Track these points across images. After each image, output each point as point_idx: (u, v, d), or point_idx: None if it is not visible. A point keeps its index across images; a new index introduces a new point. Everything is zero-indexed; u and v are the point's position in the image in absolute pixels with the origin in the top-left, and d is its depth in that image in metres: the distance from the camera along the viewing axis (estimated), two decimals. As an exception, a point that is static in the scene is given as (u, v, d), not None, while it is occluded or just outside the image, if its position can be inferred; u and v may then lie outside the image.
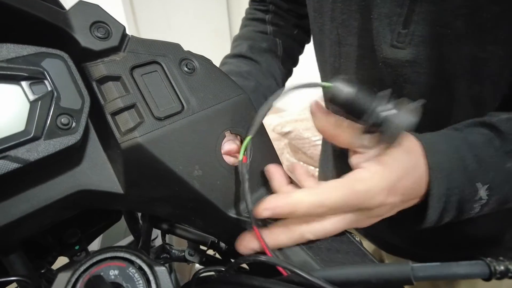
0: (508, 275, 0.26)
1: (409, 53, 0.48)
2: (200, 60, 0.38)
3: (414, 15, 0.46)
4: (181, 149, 0.34)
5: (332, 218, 0.36)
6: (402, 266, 0.28)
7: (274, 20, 0.75)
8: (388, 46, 0.50)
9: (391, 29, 0.49)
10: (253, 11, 0.78)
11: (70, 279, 0.28)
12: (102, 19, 0.33)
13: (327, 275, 0.30)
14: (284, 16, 0.75)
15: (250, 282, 0.33)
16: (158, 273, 0.30)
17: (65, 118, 0.30)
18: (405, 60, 0.49)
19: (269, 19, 0.75)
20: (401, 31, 0.48)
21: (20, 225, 0.31)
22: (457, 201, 0.38)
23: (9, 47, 0.28)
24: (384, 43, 0.50)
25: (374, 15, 0.50)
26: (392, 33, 0.49)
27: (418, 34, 0.47)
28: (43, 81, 0.29)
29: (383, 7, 0.48)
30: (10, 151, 0.27)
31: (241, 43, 0.75)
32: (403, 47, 0.48)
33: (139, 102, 0.33)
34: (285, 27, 0.76)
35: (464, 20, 0.43)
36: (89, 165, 0.34)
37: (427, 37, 0.47)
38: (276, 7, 0.75)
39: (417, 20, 0.46)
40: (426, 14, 0.45)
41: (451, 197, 0.37)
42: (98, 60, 0.33)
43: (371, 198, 0.34)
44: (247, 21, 0.79)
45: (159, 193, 0.36)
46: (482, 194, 0.38)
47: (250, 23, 0.78)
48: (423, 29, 0.46)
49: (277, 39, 0.75)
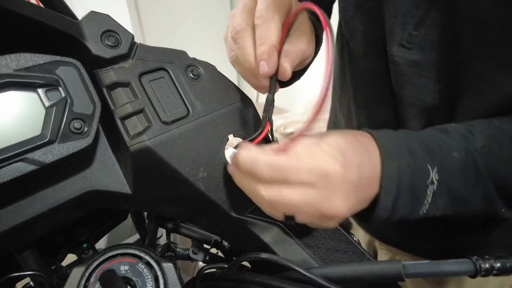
0: (493, 273, 0.27)
1: (415, 54, 0.49)
2: (205, 67, 0.40)
3: (428, 18, 0.47)
4: (187, 151, 0.36)
5: (292, 187, 0.34)
6: (393, 263, 0.29)
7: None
8: (396, 45, 0.50)
9: (403, 28, 0.49)
10: None
11: (84, 273, 0.30)
12: (112, 28, 0.35)
13: (324, 272, 0.32)
14: None
15: (252, 279, 0.34)
16: (166, 269, 0.32)
17: (78, 122, 0.31)
18: (410, 60, 0.50)
19: None
20: (412, 32, 0.49)
21: (34, 224, 0.33)
22: (409, 184, 0.37)
23: (26, 56, 0.30)
24: (394, 41, 0.51)
25: (391, 11, 0.50)
26: (403, 33, 0.49)
27: (428, 38, 0.48)
28: (57, 88, 0.31)
29: (402, 6, 0.49)
30: (27, 154, 0.29)
31: None
32: (410, 47, 0.49)
33: (147, 107, 0.35)
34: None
35: (473, 33, 0.44)
36: (99, 167, 0.36)
37: (435, 42, 0.47)
38: None
39: (430, 24, 0.47)
40: (439, 20, 0.46)
41: (403, 179, 0.37)
42: (108, 67, 0.35)
43: (323, 166, 0.34)
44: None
45: (165, 194, 0.38)
46: (433, 176, 0.38)
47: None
48: (434, 34, 0.47)
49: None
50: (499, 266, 0.27)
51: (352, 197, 0.35)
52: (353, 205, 0.36)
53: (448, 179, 0.39)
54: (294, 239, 0.39)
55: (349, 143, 0.36)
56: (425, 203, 0.39)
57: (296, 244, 0.39)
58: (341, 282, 0.31)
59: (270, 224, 0.40)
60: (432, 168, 0.38)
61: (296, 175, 0.33)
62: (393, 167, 0.37)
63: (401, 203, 0.38)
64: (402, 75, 0.51)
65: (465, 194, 0.39)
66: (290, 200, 0.33)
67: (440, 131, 0.42)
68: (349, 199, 0.35)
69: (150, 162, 0.35)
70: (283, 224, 0.40)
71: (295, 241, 0.39)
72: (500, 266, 0.27)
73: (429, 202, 0.39)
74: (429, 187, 0.38)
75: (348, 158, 0.35)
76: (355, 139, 0.38)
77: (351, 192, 0.35)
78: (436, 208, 0.40)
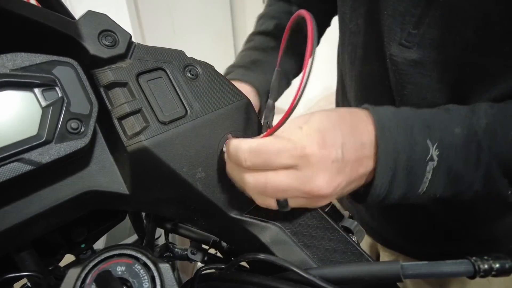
0: (492, 273, 0.27)
1: (415, 54, 0.49)
2: (203, 67, 0.40)
3: (427, 17, 0.47)
4: (185, 152, 0.36)
5: (274, 171, 0.35)
6: (392, 264, 0.29)
7: (298, 1, 0.77)
8: (396, 44, 0.51)
9: (402, 28, 0.49)
10: None
11: (80, 274, 0.30)
12: (109, 27, 0.35)
13: (323, 273, 0.32)
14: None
15: (250, 279, 0.34)
16: (162, 269, 0.32)
17: (74, 122, 0.31)
18: (411, 59, 0.50)
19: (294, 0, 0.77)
20: (411, 31, 0.49)
21: (31, 224, 0.32)
22: (407, 159, 0.37)
23: (23, 56, 0.30)
24: (393, 41, 0.51)
25: (389, 12, 0.50)
26: (402, 32, 0.50)
27: (427, 37, 0.48)
28: (54, 88, 0.31)
29: (399, 5, 0.49)
30: (24, 154, 0.29)
31: (266, 21, 0.77)
32: (410, 46, 0.49)
33: (144, 107, 0.35)
34: (311, 3, 0.77)
35: (474, 29, 0.44)
36: (97, 167, 0.36)
37: (436, 40, 0.47)
38: None
39: (429, 23, 0.47)
40: (438, 18, 0.46)
41: (401, 154, 0.36)
42: (105, 67, 0.34)
43: (301, 147, 0.34)
44: (272, 1, 0.81)
45: (163, 194, 0.38)
46: (433, 153, 0.37)
47: (275, 3, 0.81)
48: (433, 32, 0.47)
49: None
50: (498, 266, 0.27)
51: (337, 176, 0.35)
52: (339, 184, 0.35)
53: (449, 156, 0.38)
54: (293, 239, 0.39)
55: (332, 122, 0.36)
56: (425, 181, 0.38)
57: (295, 245, 0.39)
58: (339, 283, 0.31)
59: (268, 225, 0.40)
60: (432, 144, 0.37)
61: (278, 159, 0.34)
62: (389, 142, 0.36)
63: (398, 180, 0.37)
64: (403, 74, 0.51)
65: (466, 172, 0.38)
66: (276, 184, 0.34)
67: (441, 109, 0.41)
68: (334, 178, 0.35)
69: (148, 162, 0.35)
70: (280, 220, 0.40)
71: (293, 242, 0.39)
72: (499, 266, 0.27)
73: (429, 179, 0.38)
74: (428, 163, 0.37)
75: (329, 138, 0.35)
76: (341, 118, 0.37)
77: (334, 171, 0.35)
78: (435, 186, 0.39)
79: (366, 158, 0.37)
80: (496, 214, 0.60)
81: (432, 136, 0.37)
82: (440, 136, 0.38)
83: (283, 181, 0.34)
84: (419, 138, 0.37)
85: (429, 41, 0.48)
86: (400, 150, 0.36)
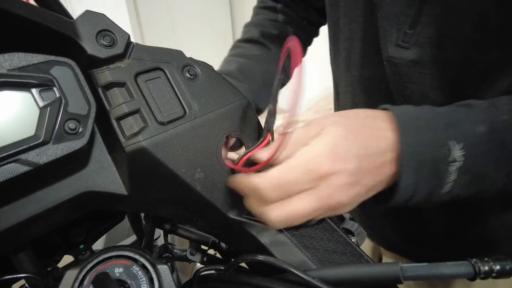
0: (492, 275, 0.27)
1: (413, 53, 0.49)
2: (202, 67, 0.40)
3: (422, 16, 0.47)
4: (183, 152, 0.36)
5: (296, 196, 0.35)
6: (392, 266, 0.29)
7: (284, 9, 0.78)
8: (393, 45, 0.51)
9: (398, 28, 0.50)
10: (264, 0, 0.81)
11: (77, 276, 0.29)
12: (107, 27, 0.34)
13: (322, 274, 0.31)
14: (294, 7, 0.78)
15: (248, 280, 0.34)
16: (161, 271, 0.31)
17: (72, 123, 0.31)
18: (409, 59, 0.50)
19: (280, 8, 0.78)
20: (408, 31, 0.49)
21: (29, 225, 0.32)
22: (431, 160, 0.36)
23: (20, 56, 0.30)
24: (390, 42, 0.51)
25: (383, 14, 0.50)
26: (398, 33, 0.50)
27: (424, 36, 0.48)
28: (52, 88, 0.31)
29: (393, 7, 0.49)
30: (21, 155, 0.28)
31: (251, 29, 0.77)
32: (408, 47, 0.49)
33: (143, 108, 0.34)
34: (295, 18, 0.78)
35: (471, 25, 0.44)
36: (95, 168, 0.35)
37: (433, 39, 0.47)
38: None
39: (425, 21, 0.47)
40: (434, 16, 0.46)
41: (425, 155, 0.36)
42: (104, 67, 0.34)
43: (315, 166, 0.34)
44: (259, 9, 0.82)
45: (162, 195, 0.37)
46: (457, 154, 0.36)
47: (262, 11, 0.81)
48: (430, 31, 0.47)
49: (288, 26, 0.78)
50: (498, 268, 0.27)
51: (355, 187, 0.36)
52: (359, 193, 0.36)
53: (473, 156, 0.37)
54: (292, 240, 0.39)
55: (346, 133, 0.36)
56: (449, 181, 0.37)
57: (294, 246, 0.39)
58: (338, 284, 0.31)
59: (267, 226, 0.40)
60: (456, 144, 0.37)
61: (297, 187, 0.35)
62: (412, 142, 0.36)
63: (423, 182, 0.37)
64: (403, 75, 0.51)
65: (489, 170, 0.38)
66: (302, 211, 0.35)
67: (463, 106, 0.41)
68: (352, 189, 0.36)
69: (146, 163, 0.34)
70: None
71: (292, 243, 0.39)
72: (500, 268, 0.27)
73: (453, 180, 0.37)
74: (452, 163, 0.37)
75: (342, 152, 0.35)
76: (357, 126, 0.37)
77: (353, 182, 0.35)
78: (459, 186, 0.38)
79: (385, 164, 0.37)
80: (499, 216, 0.59)
81: (456, 136, 0.37)
82: (464, 136, 0.37)
83: (306, 206, 0.35)
84: (443, 139, 0.37)
85: (426, 40, 0.48)
86: (424, 151, 0.36)
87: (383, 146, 0.37)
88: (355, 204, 0.37)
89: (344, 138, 0.36)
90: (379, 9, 0.51)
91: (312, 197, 0.35)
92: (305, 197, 0.35)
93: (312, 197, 0.35)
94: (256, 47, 0.75)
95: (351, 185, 0.35)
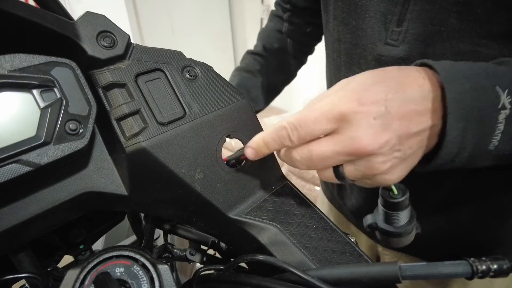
0: (490, 274, 0.27)
1: (402, 50, 0.50)
2: (202, 67, 0.40)
3: (407, 13, 0.48)
4: (183, 153, 0.36)
5: (316, 140, 0.35)
6: (390, 265, 0.29)
7: (290, 18, 0.82)
8: (382, 44, 0.51)
9: (386, 27, 0.50)
10: (277, 6, 0.87)
11: (78, 276, 0.30)
12: (108, 28, 0.35)
13: (321, 274, 0.32)
14: (300, 14, 0.81)
15: (248, 280, 0.34)
16: (161, 271, 0.31)
17: (73, 124, 0.31)
18: (399, 57, 0.50)
19: (286, 17, 0.83)
20: (395, 29, 0.49)
21: (29, 226, 0.32)
22: (479, 108, 0.33)
23: (21, 57, 0.30)
24: (378, 41, 0.52)
25: (370, 14, 0.51)
26: (386, 31, 0.51)
27: (411, 32, 0.48)
28: (52, 89, 0.31)
29: (379, 6, 0.50)
30: (22, 156, 0.29)
31: (258, 40, 0.89)
32: (396, 44, 0.50)
33: (143, 108, 0.35)
34: (300, 25, 0.82)
35: (457, 17, 0.44)
36: (95, 168, 0.36)
37: (420, 34, 0.48)
38: (292, 6, 0.81)
39: (411, 18, 0.48)
40: (419, 12, 0.47)
41: (471, 101, 0.33)
42: (104, 68, 0.34)
43: (336, 108, 0.33)
44: (272, 16, 0.90)
45: (162, 195, 0.38)
46: (505, 100, 0.34)
47: (273, 18, 0.89)
48: (417, 27, 0.48)
49: (289, 39, 0.85)
50: (495, 268, 0.27)
51: (383, 133, 0.33)
52: (388, 141, 0.33)
53: None
54: (291, 240, 0.39)
55: (374, 80, 0.34)
56: (497, 133, 0.35)
57: (293, 246, 0.39)
58: (338, 284, 0.31)
59: (267, 225, 0.40)
60: (502, 91, 0.34)
61: (317, 126, 0.34)
62: (458, 91, 0.33)
63: (470, 134, 0.34)
64: None
65: None
66: (320, 153, 0.34)
67: (499, 63, 0.38)
68: (380, 135, 0.32)
69: (146, 163, 0.35)
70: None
71: (292, 243, 0.39)
72: (497, 267, 0.27)
73: (501, 131, 0.34)
74: (501, 112, 0.34)
75: (369, 95, 0.33)
76: (386, 75, 0.35)
77: (379, 127, 0.32)
78: (506, 140, 0.35)
79: (417, 114, 0.34)
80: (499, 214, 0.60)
81: (501, 83, 0.34)
82: (509, 82, 0.34)
83: (326, 148, 0.34)
84: (488, 86, 0.34)
85: (414, 36, 0.48)
86: (470, 99, 0.33)
87: (414, 94, 0.34)
88: (388, 155, 0.33)
89: (371, 83, 0.34)
90: (366, 10, 0.52)
91: (333, 139, 0.34)
92: (326, 138, 0.34)
93: (333, 139, 0.34)
94: (257, 61, 0.86)
95: (378, 130, 0.32)
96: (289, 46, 0.86)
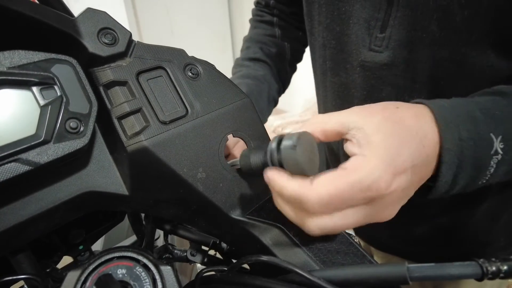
0: (500, 276, 0.27)
1: (386, 56, 0.50)
2: (204, 66, 0.39)
3: (390, 19, 0.48)
4: (185, 152, 0.35)
5: (342, 212, 0.32)
6: (398, 266, 0.28)
7: (280, 22, 0.79)
8: (366, 50, 0.52)
9: (369, 33, 0.51)
10: (260, 13, 0.82)
11: (79, 277, 0.29)
12: (109, 25, 0.34)
13: (327, 275, 0.31)
14: (288, 19, 0.79)
15: (252, 281, 0.34)
16: (164, 272, 0.31)
17: (73, 122, 0.31)
18: (383, 63, 0.51)
19: (276, 21, 0.79)
20: (379, 35, 0.50)
21: (29, 226, 0.32)
22: (472, 155, 0.34)
23: (20, 53, 0.29)
24: (362, 47, 0.52)
25: (354, 20, 0.52)
26: (370, 37, 0.51)
27: (394, 38, 0.49)
28: (53, 86, 0.30)
29: (362, 12, 0.50)
30: (21, 154, 0.28)
31: (252, 46, 0.80)
32: (380, 50, 0.50)
33: (145, 107, 0.34)
34: (290, 30, 0.80)
35: (438, 24, 0.44)
36: (95, 168, 0.35)
37: (403, 40, 0.48)
38: (279, 11, 0.78)
39: (394, 24, 0.48)
40: (402, 18, 0.47)
41: (466, 150, 0.34)
42: (105, 66, 0.34)
43: (373, 183, 0.30)
44: (256, 23, 0.83)
45: (163, 195, 0.37)
46: (497, 146, 0.35)
47: (259, 25, 0.82)
48: (400, 33, 0.48)
49: (285, 43, 0.80)
50: (506, 269, 0.27)
51: (403, 200, 0.33)
52: (402, 203, 0.34)
53: (511, 146, 0.35)
54: (294, 241, 0.39)
55: (397, 143, 0.32)
56: (487, 174, 0.36)
57: (296, 246, 0.39)
58: (344, 285, 0.31)
59: (270, 226, 0.39)
60: (496, 138, 0.35)
61: (350, 203, 0.31)
62: (453, 138, 0.34)
63: (462, 176, 0.35)
64: (377, 78, 0.52)
65: None
66: (344, 226, 0.32)
67: (496, 94, 0.39)
68: (400, 203, 0.33)
69: (148, 162, 0.34)
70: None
71: (295, 243, 0.39)
72: (507, 268, 0.27)
73: (491, 173, 0.36)
74: (493, 158, 0.35)
75: (399, 165, 0.31)
76: (405, 134, 0.33)
77: (403, 197, 0.33)
78: (496, 177, 0.37)
79: (430, 162, 0.34)
80: (492, 214, 0.60)
81: (496, 128, 0.35)
82: (504, 128, 0.36)
83: (352, 222, 0.32)
84: (483, 132, 0.35)
85: (397, 42, 0.49)
86: (466, 148, 0.34)
87: (431, 153, 0.34)
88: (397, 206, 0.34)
89: (398, 146, 0.32)
90: (349, 16, 0.52)
91: (361, 213, 0.32)
92: (353, 213, 0.32)
93: (361, 213, 0.32)
94: (259, 66, 0.79)
95: (401, 199, 0.33)
96: (287, 50, 0.81)
